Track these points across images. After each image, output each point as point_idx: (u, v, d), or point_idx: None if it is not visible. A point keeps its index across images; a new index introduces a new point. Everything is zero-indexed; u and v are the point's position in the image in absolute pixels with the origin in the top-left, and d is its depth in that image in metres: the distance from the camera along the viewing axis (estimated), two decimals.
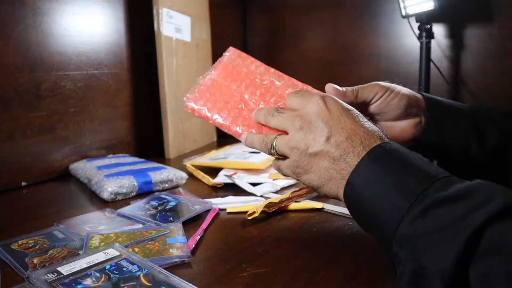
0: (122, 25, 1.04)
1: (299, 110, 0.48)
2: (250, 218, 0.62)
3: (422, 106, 0.57)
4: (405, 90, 0.56)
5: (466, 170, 0.58)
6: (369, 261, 0.49)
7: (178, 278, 0.42)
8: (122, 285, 0.41)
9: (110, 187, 0.72)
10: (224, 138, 1.34)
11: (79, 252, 0.51)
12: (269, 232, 0.59)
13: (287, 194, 0.68)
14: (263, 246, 0.54)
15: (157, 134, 1.09)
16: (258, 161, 0.86)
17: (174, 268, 0.48)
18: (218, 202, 0.69)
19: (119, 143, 1.05)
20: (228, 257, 0.51)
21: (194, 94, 0.56)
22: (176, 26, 1.08)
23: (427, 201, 0.35)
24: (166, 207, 0.67)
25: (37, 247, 0.52)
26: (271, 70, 0.57)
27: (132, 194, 0.75)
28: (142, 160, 0.91)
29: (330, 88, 0.53)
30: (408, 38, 1.25)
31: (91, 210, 0.68)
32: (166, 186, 0.79)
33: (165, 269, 0.44)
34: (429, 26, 1.06)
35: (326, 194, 0.46)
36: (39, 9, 0.84)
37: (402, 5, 1.04)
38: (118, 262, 0.45)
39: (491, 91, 1.17)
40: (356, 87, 0.55)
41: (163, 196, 0.72)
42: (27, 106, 0.84)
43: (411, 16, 1.05)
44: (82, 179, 0.83)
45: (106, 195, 0.72)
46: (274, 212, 0.65)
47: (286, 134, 0.49)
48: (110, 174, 0.77)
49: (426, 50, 1.07)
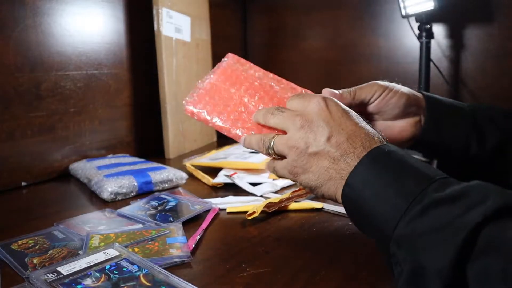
0: (122, 25, 1.04)
1: (298, 110, 0.47)
2: (250, 218, 0.62)
3: (422, 105, 0.57)
4: (404, 89, 0.56)
5: (466, 169, 0.58)
6: (369, 261, 0.49)
7: (178, 278, 0.42)
8: (122, 285, 0.41)
9: (110, 187, 0.72)
10: (224, 138, 1.33)
11: (79, 252, 0.51)
12: (269, 232, 0.59)
13: (287, 194, 0.68)
14: (263, 246, 0.54)
15: (157, 134, 1.09)
16: (258, 161, 0.86)
17: (174, 268, 0.48)
18: (218, 202, 0.69)
19: (119, 143, 1.05)
20: (228, 257, 0.51)
21: (193, 98, 0.55)
22: (176, 26, 1.08)
23: (426, 201, 0.35)
24: (166, 207, 0.67)
25: (37, 247, 0.52)
26: (270, 75, 0.57)
27: (132, 194, 0.75)
28: (142, 160, 0.91)
29: (326, 92, 0.52)
30: (408, 38, 1.25)
31: (91, 210, 0.68)
32: (166, 186, 0.79)
33: (165, 269, 0.44)
34: (429, 26, 1.06)
35: (324, 195, 0.46)
36: (39, 9, 0.84)
37: (402, 5, 1.04)
38: (118, 262, 0.45)
39: (491, 91, 1.17)
40: (353, 88, 0.54)
41: (163, 196, 0.72)
42: (27, 106, 0.84)
43: (411, 16, 1.05)
44: (82, 179, 0.83)
45: (106, 195, 0.72)
46: (274, 212, 0.65)
47: (285, 134, 0.48)
48: (110, 174, 0.77)
49: (426, 50, 1.07)
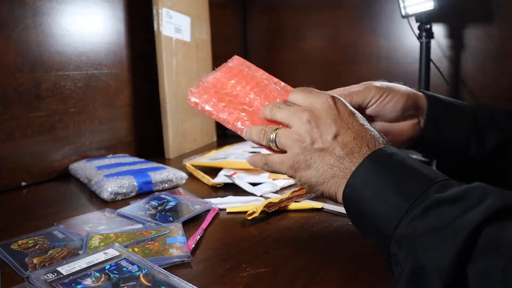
0: (122, 25, 1.04)
1: (305, 105, 0.47)
2: (250, 218, 0.62)
3: (421, 106, 0.57)
4: (402, 93, 0.55)
5: (466, 169, 0.58)
6: (369, 261, 0.49)
7: (178, 278, 0.42)
8: (122, 285, 0.41)
9: (110, 187, 0.72)
10: (224, 138, 1.34)
11: (79, 252, 0.51)
12: (269, 232, 0.59)
13: (287, 194, 0.68)
14: (263, 246, 0.54)
15: (157, 134, 1.09)
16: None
17: (174, 268, 0.48)
18: (218, 202, 0.69)
19: (119, 143, 1.05)
20: (228, 257, 0.51)
21: (198, 89, 0.55)
22: (176, 26, 1.08)
23: (427, 202, 0.35)
24: (166, 207, 0.67)
25: (37, 247, 0.52)
26: (275, 79, 0.57)
27: (132, 194, 0.75)
28: (142, 160, 0.91)
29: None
30: (408, 38, 1.24)
31: (91, 210, 0.68)
32: (166, 186, 0.79)
33: (164, 269, 0.44)
34: (429, 26, 1.06)
35: (323, 193, 0.46)
36: (39, 9, 0.84)
37: (402, 5, 1.04)
38: (118, 262, 0.45)
39: (491, 91, 1.17)
40: (350, 92, 0.54)
41: (163, 196, 0.72)
42: (27, 106, 0.84)
43: (411, 16, 1.05)
44: (82, 179, 0.83)
45: (106, 195, 0.72)
46: (274, 212, 0.65)
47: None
48: (110, 174, 0.77)
49: (426, 50, 1.07)
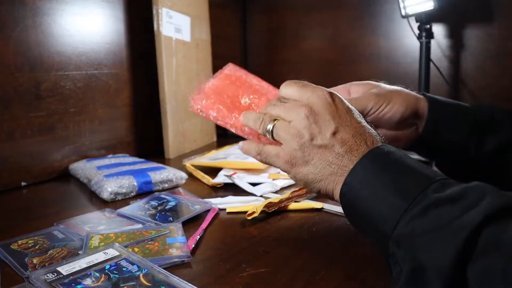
0: (122, 25, 1.04)
1: (302, 100, 0.46)
2: (249, 218, 0.62)
3: (422, 112, 0.56)
4: (400, 102, 0.54)
5: (466, 170, 0.58)
6: (369, 261, 0.49)
7: (177, 278, 0.42)
8: (121, 285, 0.41)
9: (110, 187, 0.72)
10: (224, 138, 1.34)
11: (79, 252, 0.51)
12: (269, 232, 0.59)
13: (287, 194, 0.68)
14: (263, 246, 0.54)
15: (157, 134, 1.09)
16: (258, 161, 0.86)
17: (173, 268, 0.48)
18: (218, 202, 0.69)
19: (119, 143, 1.05)
20: (227, 257, 0.51)
21: (199, 96, 0.56)
22: (176, 26, 1.08)
23: (426, 201, 0.35)
24: (166, 207, 0.67)
25: (36, 247, 0.52)
26: (271, 86, 0.57)
27: (131, 194, 0.75)
28: (142, 160, 0.91)
29: None
30: (408, 38, 1.24)
31: (91, 210, 0.68)
32: (166, 186, 0.79)
33: (164, 269, 0.44)
34: (429, 26, 1.06)
35: (320, 190, 0.45)
36: (39, 9, 0.84)
37: (402, 5, 1.04)
38: (118, 262, 0.45)
39: (491, 91, 1.17)
40: (349, 99, 0.54)
41: (163, 196, 0.72)
42: (27, 106, 0.84)
43: (411, 16, 1.05)
44: (82, 179, 0.83)
45: (106, 195, 0.72)
46: (274, 212, 0.65)
47: None
48: (110, 174, 0.77)
49: (426, 50, 1.07)
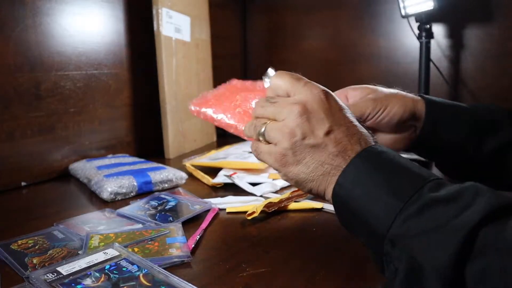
0: (122, 25, 1.03)
1: (294, 95, 0.44)
2: (249, 218, 0.62)
3: (419, 115, 0.56)
4: (398, 106, 0.54)
5: (465, 171, 0.58)
6: (369, 261, 0.49)
7: (177, 278, 0.42)
8: (121, 285, 0.41)
9: (109, 187, 0.72)
10: (224, 138, 1.34)
11: (79, 252, 0.51)
12: (268, 232, 0.59)
13: (287, 194, 0.68)
14: (263, 246, 0.54)
15: (157, 134, 1.09)
16: (258, 161, 0.86)
17: (173, 268, 0.48)
18: (218, 202, 0.69)
19: (119, 143, 1.05)
20: (227, 257, 0.51)
21: (199, 100, 0.56)
22: (175, 26, 1.08)
23: (421, 201, 0.35)
24: (166, 207, 0.67)
25: (36, 247, 0.52)
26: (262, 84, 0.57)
27: (131, 194, 0.75)
28: (142, 160, 0.91)
29: None
30: (408, 38, 1.24)
31: (91, 210, 0.68)
32: (166, 186, 0.79)
33: (164, 269, 0.44)
34: (428, 26, 1.06)
35: (311, 190, 0.44)
36: (39, 9, 0.84)
37: (401, 5, 1.04)
38: (118, 262, 0.45)
39: (491, 91, 1.17)
40: (347, 104, 0.54)
41: (163, 196, 0.72)
42: (27, 106, 0.84)
43: (411, 16, 1.05)
44: (82, 179, 0.83)
45: (105, 195, 0.72)
46: (274, 212, 0.65)
47: None
48: (110, 174, 0.77)
49: (425, 50, 1.07)
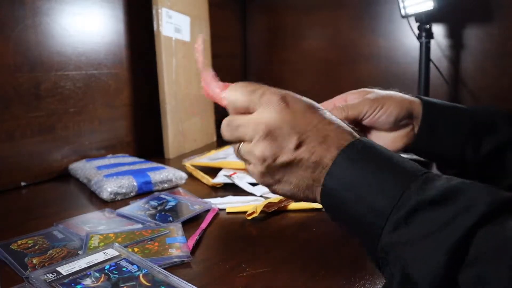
0: (121, 25, 1.03)
1: (253, 110, 0.41)
2: (249, 218, 0.62)
3: (416, 114, 0.57)
4: (395, 104, 0.56)
5: (464, 171, 0.58)
6: (369, 261, 0.49)
7: (177, 278, 0.42)
8: (121, 285, 0.41)
9: (109, 187, 0.72)
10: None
11: (79, 252, 0.51)
12: (268, 232, 0.59)
13: None
14: (263, 246, 0.54)
15: (157, 134, 1.09)
16: None
17: (173, 268, 0.48)
18: (218, 202, 0.69)
19: (119, 143, 1.05)
20: (227, 257, 0.51)
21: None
22: (175, 26, 1.08)
23: (408, 206, 0.33)
24: (166, 207, 0.67)
25: (36, 247, 0.52)
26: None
27: (131, 194, 0.75)
28: (142, 160, 0.91)
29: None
30: (407, 38, 1.24)
31: (91, 210, 0.68)
32: (166, 186, 0.79)
33: (164, 269, 0.44)
34: (428, 26, 1.06)
35: (304, 200, 0.42)
36: (39, 9, 0.84)
37: (401, 5, 1.04)
38: (118, 262, 0.45)
39: (491, 91, 1.17)
40: (346, 105, 0.56)
41: (163, 196, 0.72)
42: (27, 106, 0.84)
43: (411, 16, 1.05)
44: (82, 179, 0.83)
45: (105, 195, 0.72)
46: (274, 212, 0.65)
47: None
48: (110, 174, 0.77)
49: (425, 50, 1.07)
